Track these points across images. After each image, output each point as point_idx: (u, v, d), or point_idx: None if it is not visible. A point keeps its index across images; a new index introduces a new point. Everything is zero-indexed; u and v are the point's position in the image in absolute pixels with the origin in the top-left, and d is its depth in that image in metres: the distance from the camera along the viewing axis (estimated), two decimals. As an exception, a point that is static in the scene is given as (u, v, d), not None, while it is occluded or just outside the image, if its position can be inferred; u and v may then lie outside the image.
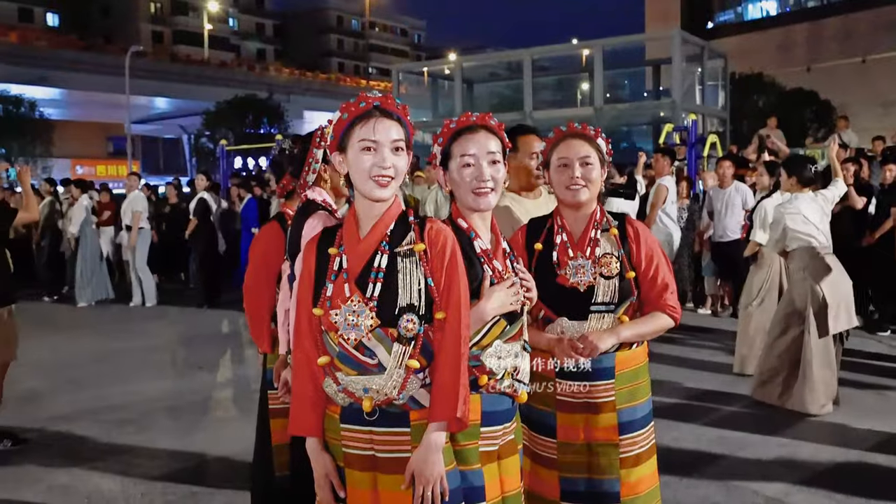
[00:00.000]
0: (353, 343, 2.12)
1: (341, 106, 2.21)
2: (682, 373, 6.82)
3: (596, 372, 2.71)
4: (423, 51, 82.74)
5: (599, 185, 2.79)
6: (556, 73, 23.85)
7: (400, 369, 2.11)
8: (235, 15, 73.49)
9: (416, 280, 2.14)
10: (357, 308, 2.12)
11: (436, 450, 2.11)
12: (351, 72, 76.22)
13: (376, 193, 2.15)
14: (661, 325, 2.77)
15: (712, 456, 4.85)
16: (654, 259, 2.76)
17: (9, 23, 53.60)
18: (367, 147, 2.14)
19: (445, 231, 2.22)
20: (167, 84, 45.64)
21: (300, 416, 2.22)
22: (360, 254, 2.17)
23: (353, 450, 2.17)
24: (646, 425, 2.79)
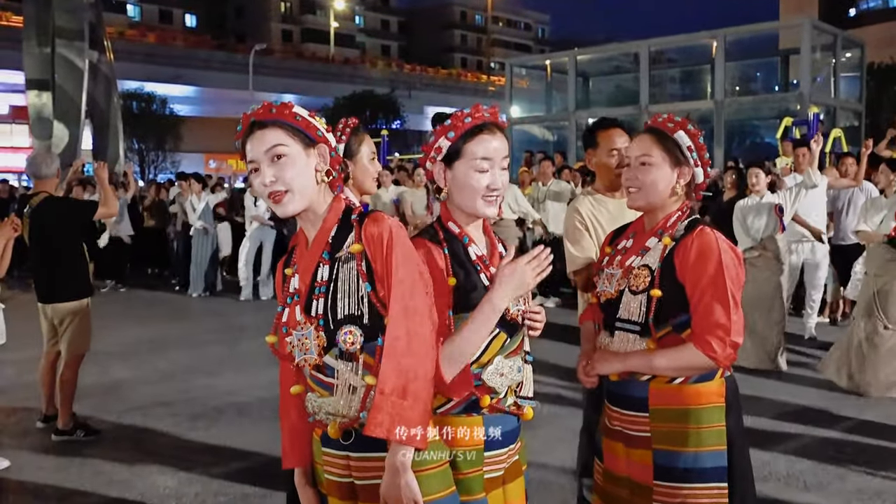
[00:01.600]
0: (310, 367, 1.94)
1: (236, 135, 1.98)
2: (780, 387, 6.27)
3: (627, 400, 2.36)
4: (546, 45, 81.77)
5: (664, 188, 2.37)
6: (678, 66, 22.94)
7: (349, 389, 1.90)
8: (361, 12, 74.89)
9: (354, 287, 1.91)
10: (305, 330, 1.92)
11: (400, 471, 1.84)
12: (474, 67, 76.33)
13: (279, 212, 1.96)
14: (685, 362, 2.25)
15: (804, 486, 4.37)
16: (704, 280, 2.23)
17: (150, 24, 56.53)
18: (253, 169, 1.96)
19: (383, 223, 1.93)
20: (294, 81, 46.95)
21: (285, 446, 2.11)
22: (305, 269, 1.97)
23: (333, 476, 1.99)
24: (697, 482, 2.25)
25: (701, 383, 2.30)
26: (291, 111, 1.95)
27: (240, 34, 62.29)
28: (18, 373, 6.52)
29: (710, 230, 2.33)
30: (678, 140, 2.38)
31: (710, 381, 2.31)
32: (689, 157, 2.39)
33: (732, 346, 2.23)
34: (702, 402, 2.29)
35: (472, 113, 2.16)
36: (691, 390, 2.29)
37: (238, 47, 48.31)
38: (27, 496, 4.35)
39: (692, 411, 2.28)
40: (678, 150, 2.38)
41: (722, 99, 17.74)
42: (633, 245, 2.44)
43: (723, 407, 2.30)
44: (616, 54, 22.70)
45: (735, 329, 2.23)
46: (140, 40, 43.26)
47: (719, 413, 2.30)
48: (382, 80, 47.91)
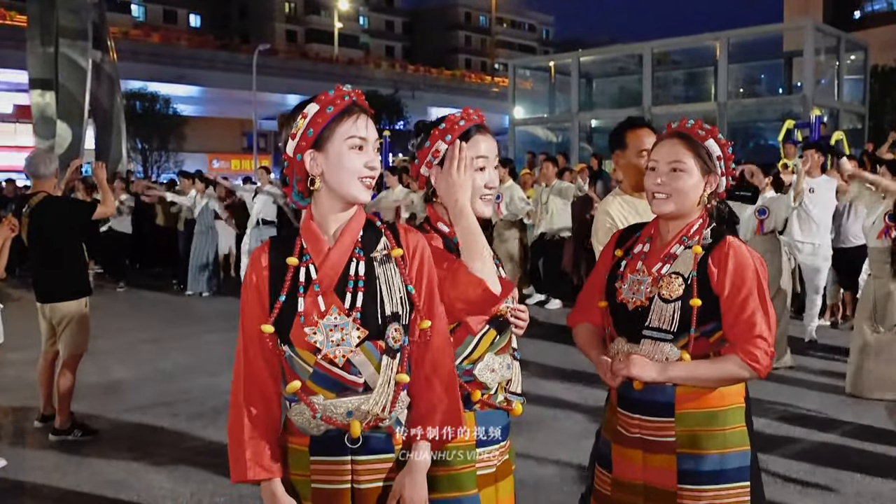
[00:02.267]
0: (341, 360, 1.89)
1: (319, 98, 1.96)
2: (782, 390, 6.24)
3: (652, 406, 2.32)
4: (551, 46, 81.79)
5: (695, 196, 2.35)
6: (681, 67, 22.93)
7: (390, 385, 1.92)
8: (366, 13, 75.00)
9: (397, 287, 1.97)
10: (339, 321, 1.89)
11: (424, 470, 1.96)
12: (478, 68, 76.37)
13: (359, 195, 1.96)
14: (728, 373, 2.24)
15: (802, 489, 4.36)
16: (744, 291, 2.24)
17: (154, 24, 56.66)
18: (358, 146, 1.94)
19: (420, 236, 2.06)
20: (297, 81, 46.96)
21: (253, 455, 1.94)
22: (333, 262, 1.94)
23: (326, 485, 1.92)
24: (723, 482, 2.26)
25: (725, 385, 2.31)
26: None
27: (244, 34, 62.41)
28: (18, 372, 6.52)
29: (739, 240, 2.34)
30: (709, 148, 2.37)
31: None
32: (719, 166, 2.38)
33: (771, 356, 2.25)
34: (726, 403, 2.30)
35: (464, 116, 2.21)
36: (716, 393, 2.30)
37: (242, 47, 48.40)
38: (23, 496, 4.36)
39: (718, 413, 2.29)
40: (709, 158, 2.37)
41: (725, 101, 17.73)
42: (653, 251, 2.41)
43: (744, 407, 2.33)
44: (619, 56, 22.69)
45: (773, 338, 2.26)
46: (144, 40, 43.32)
47: (741, 414, 2.32)
48: (386, 80, 47.97)
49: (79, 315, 5.22)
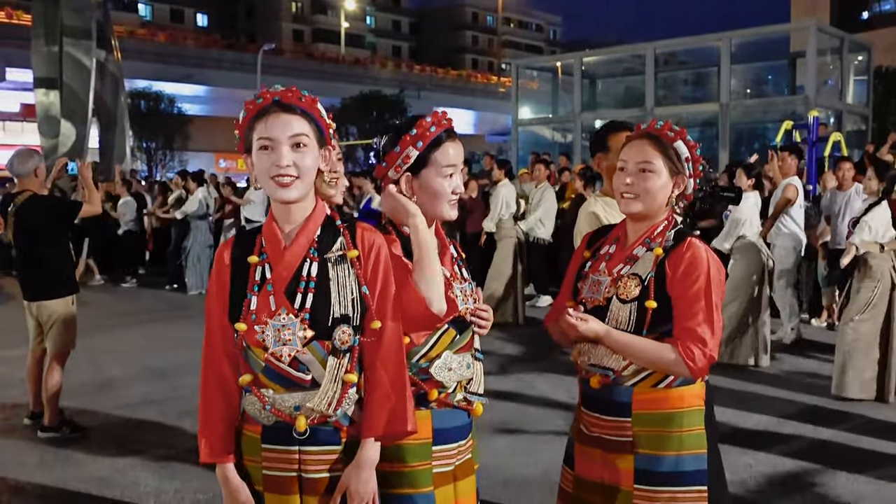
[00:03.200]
0: (286, 359, 1.95)
1: (245, 103, 2.02)
2: (775, 391, 6.25)
3: (610, 405, 2.34)
4: (558, 47, 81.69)
5: (663, 197, 2.36)
6: (685, 68, 22.90)
7: (336, 384, 1.97)
8: (372, 13, 75.02)
9: (349, 289, 2.01)
10: (286, 321, 1.95)
11: (371, 466, 2.02)
12: (485, 68, 76.32)
13: (278, 194, 1.97)
14: (663, 359, 2.23)
15: (785, 489, 4.35)
16: (692, 291, 2.24)
17: (161, 23, 56.80)
18: (265, 146, 1.96)
19: (378, 236, 2.08)
20: (302, 81, 47.01)
21: (212, 440, 2.04)
22: (287, 262, 1.99)
23: (276, 471, 2.00)
24: (679, 485, 2.26)
25: (685, 387, 2.31)
26: (318, 107, 2.04)
27: (251, 34, 62.53)
28: (9, 369, 6.55)
29: (700, 242, 2.35)
30: (678, 149, 2.38)
31: (693, 384, 2.32)
32: (686, 167, 2.39)
33: (709, 360, 2.25)
34: (684, 405, 2.30)
35: (435, 121, 2.23)
36: (675, 394, 2.30)
37: (248, 47, 48.45)
38: (6, 492, 4.38)
39: (675, 415, 2.30)
40: (678, 159, 2.38)
41: (727, 102, 17.71)
42: (618, 252, 2.43)
43: (703, 410, 2.33)
44: (623, 56, 22.68)
45: (714, 343, 2.25)
46: (150, 39, 43.41)
47: (699, 416, 2.32)
48: (392, 80, 47.99)
49: (65, 313, 5.24)
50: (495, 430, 5.36)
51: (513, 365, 7.23)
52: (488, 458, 4.83)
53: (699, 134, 22.17)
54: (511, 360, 7.45)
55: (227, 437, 2.04)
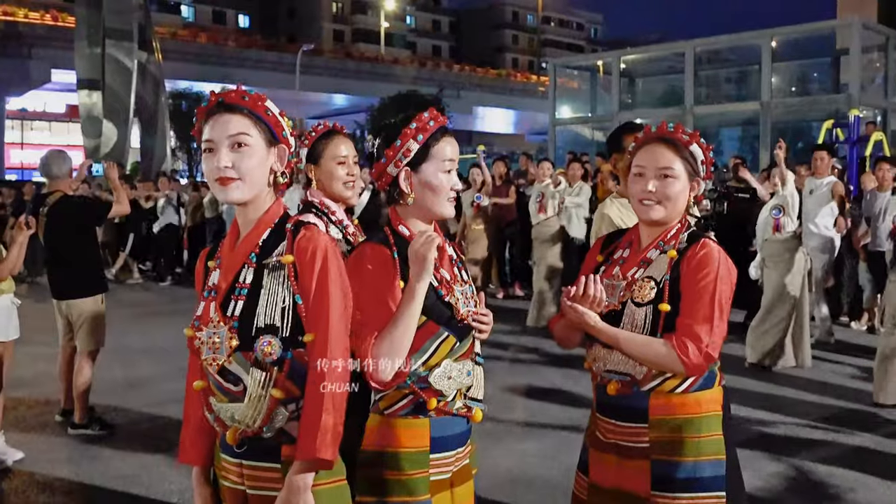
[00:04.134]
0: (215, 368, 1.91)
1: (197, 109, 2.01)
2: (809, 396, 6.12)
3: (627, 411, 2.30)
4: (599, 45, 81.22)
5: (683, 201, 2.33)
6: (726, 66, 22.54)
7: (261, 398, 1.88)
8: (412, 13, 75.29)
9: (280, 297, 1.90)
10: (218, 329, 1.91)
11: (298, 492, 1.84)
12: (525, 67, 76.14)
13: (221, 196, 1.95)
14: (655, 353, 2.19)
15: (817, 495, 4.26)
16: (698, 288, 2.21)
17: (204, 24, 57.57)
18: (208, 148, 1.94)
19: (318, 238, 1.94)
20: (342, 81, 47.34)
21: (185, 442, 2.08)
22: (229, 268, 1.97)
23: (228, 483, 2.00)
24: (696, 490, 2.21)
25: (701, 392, 2.27)
26: (264, 104, 1.97)
27: (291, 34, 63.08)
28: (43, 366, 6.66)
29: (713, 243, 2.31)
30: (694, 153, 2.35)
31: (711, 388, 2.28)
32: (701, 170, 2.36)
33: (707, 358, 2.19)
34: (702, 410, 2.26)
35: (432, 116, 2.20)
36: (692, 399, 2.26)
37: (288, 47, 48.88)
38: (34, 488, 4.44)
39: (693, 420, 2.25)
40: (694, 162, 2.35)
41: (769, 100, 17.40)
42: (632, 256, 2.40)
43: (720, 416, 2.28)
44: (662, 55, 22.41)
45: (714, 341, 2.20)
46: (192, 41, 43.99)
47: (717, 422, 2.27)
48: (431, 80, 48.02)
49: (95, 312, 5.31)
50: (522, 432, 5.34)
51: (544, 366, 7.19)
52: (513, 460, 4.83)
53: (740, 133, 21.85)
54: (545, 360, 7.40)
55: (198, 441, 2.05)
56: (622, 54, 20.59)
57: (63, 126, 46.33)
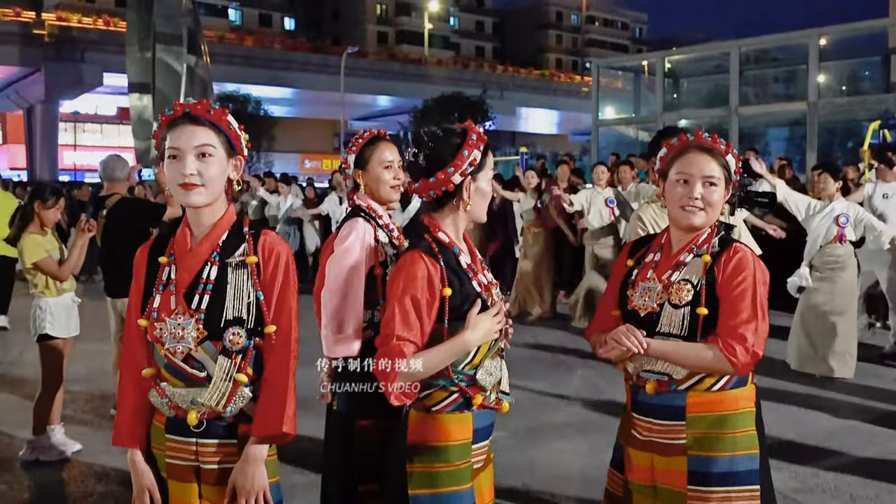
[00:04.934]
0: (180, 356, 2.10)
1: (160, 115, 2.19)
2: (852, 399, 6.10)
3: (664, 410, 2.41)
4: (644, 45, 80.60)
5: (720, 208, 2.45)
6: (772, 66, 22.28)
7: (226, 382, 2.10)
8: (456, 14, 75.43)
9: (245, 293, 2.15)
10: (182, 321, 2.10)
11: (256, 462, 2.11)
12: (568, 68, 75.86)
13: (184, 200, 2.13)
14: (704, 359, 2.31)
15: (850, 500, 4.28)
16: (738, 290, 2.32)
17: (250, 27, 58.40)
18: (172, 155, 2.11)
19: (280, 244, 2.20)
20: (386, 83, 47.65)
21: (122, 426, 2.22)
22: (190, 265, 2.15)
23: (177, 460, 2.17)
24: (732, 484, 2.32)
25: (737, 389, 2.38)
26: (227, 119, 2.17)
27: (336, 37, 63.67)
28: (98, 363, 6.89)
29: (745, 246, 2.42)
30: (729, 162, 2.46)
31: (745, 386, 2.40)
32: (733, 178, 2.48)
33: (753, 357, 2.30)
34: (738, 407, 2.37)
35: (479, 127, 2.35)
36: (729, 396, 2.37)
37: (333, 49, 49.33)
38: (91, 477, 4.65)
39: (729, 417, 2.36)
40: (729, 171, 2.46)
41: (816, 100, 17.16)
42: (664, 259, 2.49)
43: (754, 412, 2.39)
44: (707, 55, 22.21)
45: (759, 340, 2.30)
46: (239, 43, 44.63)
47: (751, 418, 2.38)
48: (474, 81, 48.15)
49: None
50: (560, 431, 5.43)
51: (584, 368, 7.25)
52: (553, 457, 4.92)
53: (787, 133, 21.57)
54: (584, 361, 7.46)
55: (135, 424, 2.21)
56: (667, 55, 20.46)
57: (114, 128, 47.39)
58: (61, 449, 4.94)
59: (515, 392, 2.71)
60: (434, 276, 2.20)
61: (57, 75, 36.75)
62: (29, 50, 36.38)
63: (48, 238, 5.05)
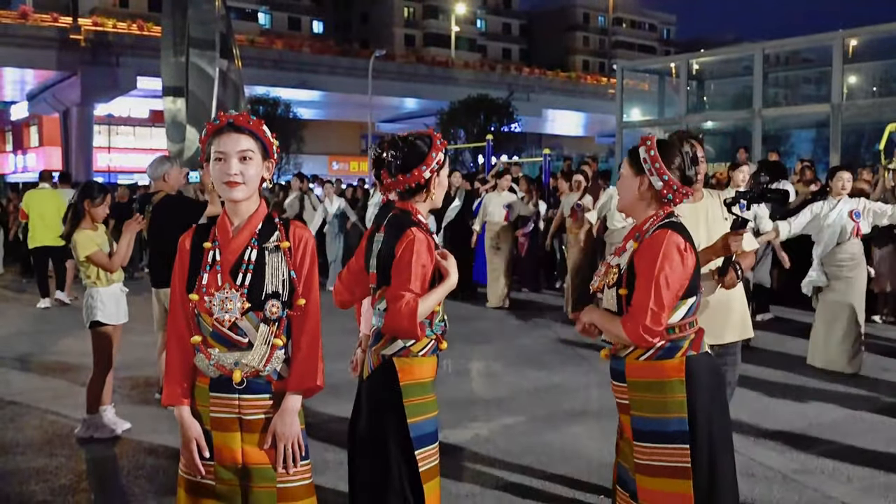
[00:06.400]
0: (227, 324, 2.50)
1: (206, 124, 2.60)
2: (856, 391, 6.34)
3: (615, 373, 2.93)
4: (672, 46, 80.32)
5: (631, 195, 2.89)
6: (797, 68, 22.34)
7: (265, 346, 2.52)
8: (483, 16, 75.64)
9: (281, 271, 2.58)
10: (229, 294, 2.51)
11: (293, 413, 2.56)
12: (595, 69, 75.75)
13: (227, 195, 2.55)
14: (616, 333, 2.80)
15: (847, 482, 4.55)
16: (644, 271, 2.73)
17: (279, 31, 59.05)
18: (218, 157, 2.52)
19: (307, 232, 2.66)
20: (414, 85, 47.95)
21: (172, 388, 2.60)
22: (233, 248, 2.56)
23: (222, 414, 2.56)
24: (667, 443, 2.75)
25: (665, 360, 2.80)
26: (263, 128, 2.60)
27: (364, 40, 64.17)
28: (141, 352, 7.30)
29: (671, 231, 2.76)
30: (640, 153, 2.86)
31: (672, 359, 2.80)
32: (646, 167, 2.82)
33: (646, 331, 2.70)
34: (664, 376, 2.78)
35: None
36: (657, 366, 2.80)
37: (361, 53, 49.73)
38: (142, 453, 5.05)
39: (657, 383, 2.80)
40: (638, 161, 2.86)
41: (839, 103, 17.26)
42: (622, 246, 2.93)
43: (683, 381, 2.76)
44: (732, 57, 22.32)
45: (653, 316, 2.69)
46: (269, 47, 45.10)
47: (681, 386, 2.76)
48: (501, 83, 48.36)
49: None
50: (574, 417, 5.74)
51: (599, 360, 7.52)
52: (566, 439, 5.23)
53: (812, 135, 21.61)
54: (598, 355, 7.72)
55: (182, 385, 2.59)
56: (691, 57, 20.62)
57: (146, 130, 48.16)
58: (112, 427, 5.35)
59: (534, 382, 3.22)
60: (430, 246, 2.80)
61: (93, 79, 37.42)
62: (66, 55, 37.09)
63: (99, 233, 5.45)
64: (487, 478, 4.59)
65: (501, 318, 10.21)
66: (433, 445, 2.83)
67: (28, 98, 43.62)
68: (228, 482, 2.56)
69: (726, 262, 3.63)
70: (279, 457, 2.54)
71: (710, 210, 4.08)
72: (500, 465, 4.76)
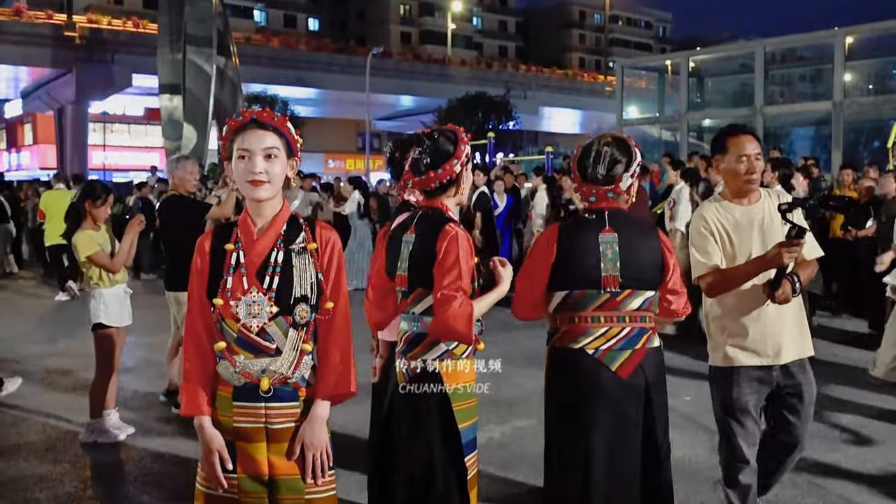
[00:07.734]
0: (255, 330, 2.36)
1: (228, 120, 2.46)
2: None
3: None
4: (669, 44, 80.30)
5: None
6: (797, 66, 22.30)
7: (294, 352, 2.39)
8: (480, 14, 75.48)
9: (309, 274, 2.45)
10: (256, 298, 2.37)
11: (321, 421, 2.44)
12: (592, 67, 75.68)
13: (251, 194, 2.41)
14: None
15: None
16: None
17: (275, 28, 58.85)
18: (242, 155, 2.39)
19: (333, 233, 2.54)
20: (410, 82, 47.82)
21: (191, 398, 2.45)
22: (258, 250, 2.42)
23: (247, 423, 2.42)
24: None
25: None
26: (287, 125, 2.47)
27: (361, 37, 63.97)
28: (143, 354, 7.19)
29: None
30: None
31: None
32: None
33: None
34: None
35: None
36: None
37: (357, 50, 49.55)
38: (147, 459, 4.93)
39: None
40: None
41: (841, 100, 17.22)
42: None
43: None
44: (732, 54, 22.28)
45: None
46: (265, 44, 44.93)
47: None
48: (498, 81, 48.24)
49: (184, 306, 5.77)
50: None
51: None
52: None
53: (813, 132, 21.58)
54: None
55: (202, 394, 2.45)
56: (691, 54, 20.56)
57: (141, 128, 47.92)
58: (116, 432, 5.22)
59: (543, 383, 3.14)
60: (471, 243, 2.74)
61: (88, 76, 37.19)
62: (60, 52, 36.83)
63: (101, 233, 5.32)
64: (504, 483, 4.48)
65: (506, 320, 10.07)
66: (476, 452, 2.77)
67: (22, 95, 43.36)
68: (254, 494, 2.42)
69: (779, 273, 3.23)
70: (308, 467, 2.41)
71: (768, 212, 3.46)
72: (516, 471, 4.65)
